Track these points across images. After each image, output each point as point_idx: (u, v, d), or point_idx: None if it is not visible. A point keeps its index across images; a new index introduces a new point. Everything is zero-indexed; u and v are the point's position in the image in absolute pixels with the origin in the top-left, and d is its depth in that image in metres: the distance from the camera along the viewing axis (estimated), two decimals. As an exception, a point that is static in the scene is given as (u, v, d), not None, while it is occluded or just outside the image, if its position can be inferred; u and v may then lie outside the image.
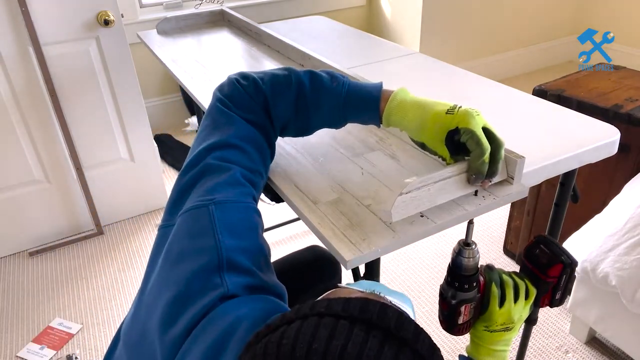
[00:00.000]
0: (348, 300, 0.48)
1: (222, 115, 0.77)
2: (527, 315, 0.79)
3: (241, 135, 0.75)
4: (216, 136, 0.74)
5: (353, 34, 1.68)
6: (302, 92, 0.77)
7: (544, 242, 0.80)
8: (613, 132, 0.93)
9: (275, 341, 0.45)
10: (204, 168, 0.71)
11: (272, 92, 0.77)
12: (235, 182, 0.70)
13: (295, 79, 0.77)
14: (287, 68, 0.80)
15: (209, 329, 0.57)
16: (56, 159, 2.00)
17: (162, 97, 3.01)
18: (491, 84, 1.18)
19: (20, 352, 1.63)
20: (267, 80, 0.78)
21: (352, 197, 0.77)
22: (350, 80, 0.78)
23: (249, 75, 0.79)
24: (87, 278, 1.93)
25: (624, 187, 1.39)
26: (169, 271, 0.65)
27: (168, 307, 0.62)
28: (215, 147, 0.73)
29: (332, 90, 0.77)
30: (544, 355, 1.54)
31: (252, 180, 0.73)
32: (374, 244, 0.67)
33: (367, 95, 0.76)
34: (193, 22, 1.79)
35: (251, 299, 0.62)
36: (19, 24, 1.74)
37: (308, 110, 0.78)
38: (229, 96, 0.78)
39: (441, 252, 1.98)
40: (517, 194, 0.75)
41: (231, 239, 0.64)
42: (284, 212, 2.22)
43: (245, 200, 0.70)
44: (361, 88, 0.77)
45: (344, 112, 0.78)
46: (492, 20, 3.32)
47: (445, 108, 0.71)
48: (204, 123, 0.78)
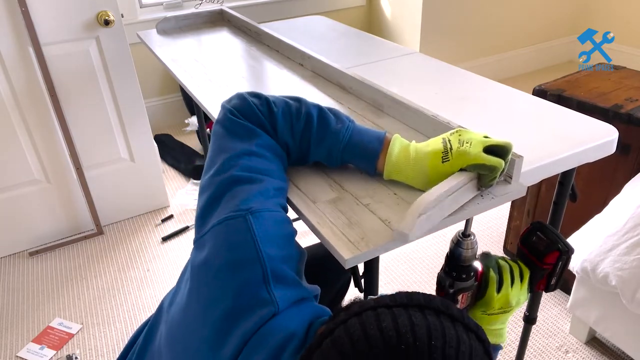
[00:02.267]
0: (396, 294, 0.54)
1: (238, 126, 0.76)
2: (525, 299, 0.81)
3: (263, 144, 0.75)
4: (238, 145, 0.74)
5: (353, 34, 1.68)
6: (309, 126, 0.78)
7: (541, 229, 0.81)
8: (611, 132, 0.93)
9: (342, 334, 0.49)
10: (233, 178, 0.70)
11: (282, 117, 0.78)
12: (267, 192, 0.70)
13: (305, 112, 0.79)
14: (299, 99, 0.81)
15: (261, 346, 0.58)
16: (56, 159, 2.00)
17: (162, 97, 3.01)
18: (491, 84, 1.18)
19: (20, 352, 1.63)
20: (280, 105, 0.79)
21: (351, 196, 0.77)
22: (355, 125, 0.80)
23: (261, 95, 0.80)
24: (87, 278, 1.93)
25: (624, 187, 1.39)
26: (211, 284, 0.63)
27: (218, 324, 0.61)
28: (240, 155, 0.72)
29: (336, 133, 0.78)
30: (544, 355, 1.54)
31: (281, 189, 0.73)
32: (373, 243, 0.67)
33: (368, 148, 0.78)
34: (193, 21, 1.79)
35: (299, 311, 0.62)
36: (19, 24, 1.75)
37: (309, 145, 0.79)
38: (239, 109, 0.78)
39: (441, 252, 1.98)
40: (516, 192, 0.76)
41: (272, 248, 0.64)
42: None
43: (278, 210, 0.70)
44: (363, 138, 0.78)
45: (342, 155, 0.79)
46: (492, 20, 3.32)
47: (439, 155, 0.72)
48: (218, 132, 0.77)
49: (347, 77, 1.14)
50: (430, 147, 0.74)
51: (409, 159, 0.75)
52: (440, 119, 0.87)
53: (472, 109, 1.06)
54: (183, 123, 3.00)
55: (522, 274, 0.80)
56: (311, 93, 1.17)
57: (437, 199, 0.67)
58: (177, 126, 3.02)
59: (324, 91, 1.17)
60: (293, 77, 1.28)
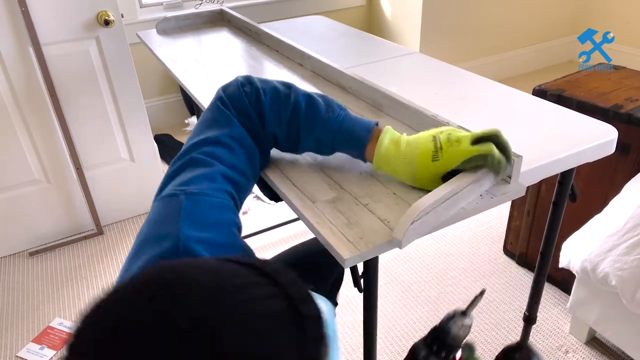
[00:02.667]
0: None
1: (220, 114, 0.78)
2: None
3: (233, 135, 0.77)
4: (209, 132, 0.76)
5: (353, 34, 1.68)
6: (297, 114, 0.79)
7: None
8: (611, 132, 0.93)
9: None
10: (188, 160, 0.73)
11: (270, 106, 0.79)
12: (214, 178, 0.71)
13: (293, 100, 0.79)
14: (290, 86, 0.82)
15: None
16: (56, 159, 2.00)
17: (162, 97, 3.01)
18: (491, 84, 1.18)
19: (20, 352, 1.63)
20: (268, 93, 0.80)
21: (350, 196, 0.77)
22: (347, 113, 0.80)
23: (254, 83, 0.81)
24: (87, 278, 1.93)
25: (624, 187, 1.39)
26: (135, 254, 0.66)
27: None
28: (205, 142, 0.75)
29: (326, 121, 0.78)
30: (544, 355, 1.54)
31: (234, 180, 0.74)
32: (372, 243, 0.67)
33: (357, 135, 0.78)
34: (193, 22, 1.79)
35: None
36: (19, 24, 1.75)
37: (299, 133, 0.80)
38: (230, 97, 0.80)
39: (441, 252, 1.98)
40: (515, 192, 0.76)
41: (193, 230, 0.65)
42: (284, 211, 2.22)
43: (219, 196, 0.70)
44: (353, 125, 0.78)
45: (332, 143, 0.80)
46: (492, 20, 3.32)
47: (429, 154, 0.72)
48: (203, 116, 0.80)
49: (346, 77, 1.14)
50: (422, 145, 0.73)
51: (399, 152, 0.75)
52: (440, 119, 0.87)
53: (472, 109, 1.06)
54: (183, 123, 3.00)
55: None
56: (311, 93, 1.17)
57: (434, 204, 0.66)
58: (177, 126, 3.02)
59: (324, 91, 1.17)
60: (293, 77, 1.28)
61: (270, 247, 2.06)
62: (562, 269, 1.46)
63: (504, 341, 1.60)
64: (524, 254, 1.86)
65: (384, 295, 1.77)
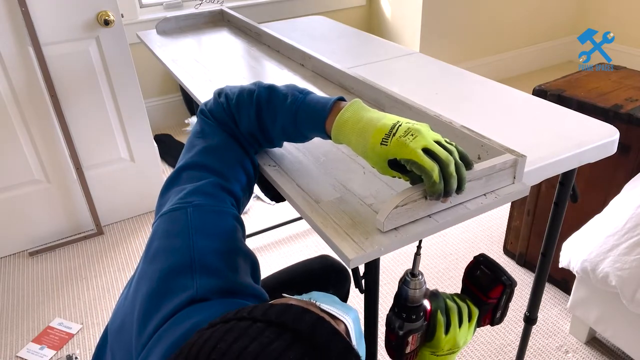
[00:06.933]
0: (272, 305, 0.49)
1: (206, 125, 0.83)
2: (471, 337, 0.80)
3: (220, 144, 0.80)
4: (200, 144, 0.81)
5: (353, 34, 1.68)
6: (260, 107, 0.80)
7: (485, 263, 0.80)
8: (612, 132, 0.93)
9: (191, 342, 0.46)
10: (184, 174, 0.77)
11: (237, 107, 0.82)
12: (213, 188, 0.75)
13: (256, 95, 0.81)
14: (256, 83, 0.83)
15: (171, 331, 0.59)
16: (56, 159, 2.00)
17: (162, 97, 3.01)
18: (491, 84, 1.18)
19: (20, 352, 1.63)
20: (234, 96, 0.83)
21: (354, 196, 0.78)
22: (309, 96, 0.78)
23: (223, 91, 0.85)
24: (87, 278, 1.93)
25: (624, 187, 1.39)
26: (147, 268, 0.67)
27: (144, 303, 0.64)
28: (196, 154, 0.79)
29: (285, 107, 0.78)
30: (544, 355, 1.55)
31: (229, 188, 0.77)
32: (377, 243, 0.67)
33: (315, 111, 0.76)
34: (193, 22, 1.79)
35: (218, 303, 0.63)
36: (19, 24, 1.74)
37: (266, 124, 0.81)
38: (210, 109, 0.84)
39: (441, 252, 1.98)
40: (519, 192, 0.76)
41: (204, 240, 0.67)
42: (284, 212, 2.22)
43: (222, 205, 0.73)
44: (313, 104, 0.76)
45: (298, 128, 0.78)
46: (492, 20, 3.32)
47: (381, 136, 0.67)
48: (192, 130, 0.85)
49: (348, 77, 1.14)
50: (380, 125, 0.69)
51: (357, 124, 0.71)
52: (442, 119, 0.87)
53: (472, 109, 1.06)
54: (183, 123, 3.00)
55: (470, 314, 0.79)
56: (312, 93, 1.17)
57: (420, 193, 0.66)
58: (177, 126, 3.02)
59: (325, 91, 1.17)
60: (294, 77, 1.28)
61: (271, 247, 2.06)
62: (562, 269, 1.46)
63: (504, 341, 1.60)
64: (524, 254, 1.86)
65: (384, 295, 1.77)
